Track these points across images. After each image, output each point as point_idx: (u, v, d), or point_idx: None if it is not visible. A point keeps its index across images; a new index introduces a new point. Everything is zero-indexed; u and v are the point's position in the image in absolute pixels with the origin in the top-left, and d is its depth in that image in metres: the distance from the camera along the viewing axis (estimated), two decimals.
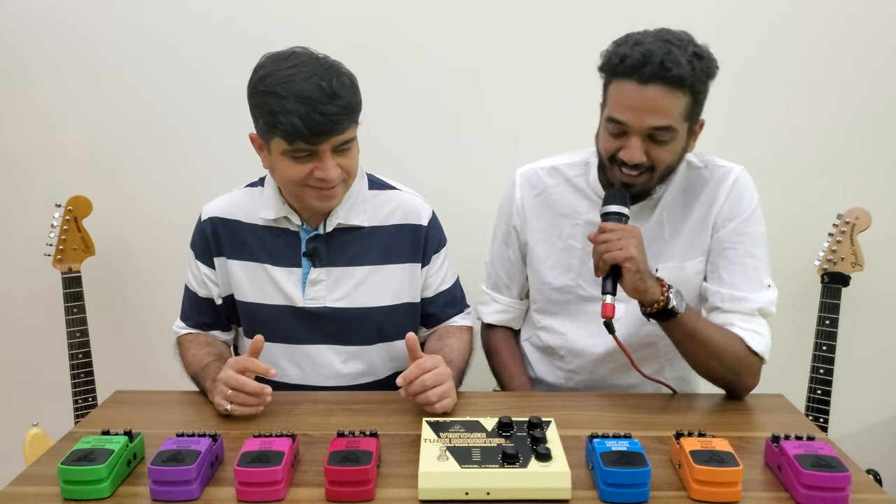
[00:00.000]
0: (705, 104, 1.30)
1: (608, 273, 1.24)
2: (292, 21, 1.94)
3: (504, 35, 1.96)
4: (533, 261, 1.50)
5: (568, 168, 1.46)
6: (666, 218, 1.39)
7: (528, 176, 1.50)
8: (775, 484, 1.01)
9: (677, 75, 1.19)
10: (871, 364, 2.07)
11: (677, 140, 1.26)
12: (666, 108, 1.22)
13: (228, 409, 1.20)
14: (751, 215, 1.35)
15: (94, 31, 1.97)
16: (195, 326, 1.48)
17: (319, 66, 1.24)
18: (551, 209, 1.47)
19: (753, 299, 1.32)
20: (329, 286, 1.41)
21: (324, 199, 1.32)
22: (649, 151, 1.26)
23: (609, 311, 1.22)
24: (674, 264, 1.38)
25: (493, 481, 0.95)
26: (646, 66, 1.20)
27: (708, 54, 1.25)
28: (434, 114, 2.00)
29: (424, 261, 1.46)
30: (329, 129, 1.22)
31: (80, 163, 2.04)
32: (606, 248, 1.22)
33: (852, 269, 1.87)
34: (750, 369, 1.30)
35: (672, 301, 1.22)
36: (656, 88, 1.21)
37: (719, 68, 1.27)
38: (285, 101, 1.20)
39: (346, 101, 1.23)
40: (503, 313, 1.58)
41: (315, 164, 1.26)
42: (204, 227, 1.44)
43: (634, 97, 1.22)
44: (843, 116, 1.96)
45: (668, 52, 1.20)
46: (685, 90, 1.22)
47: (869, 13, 1.90)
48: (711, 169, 1.38)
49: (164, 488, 0.96)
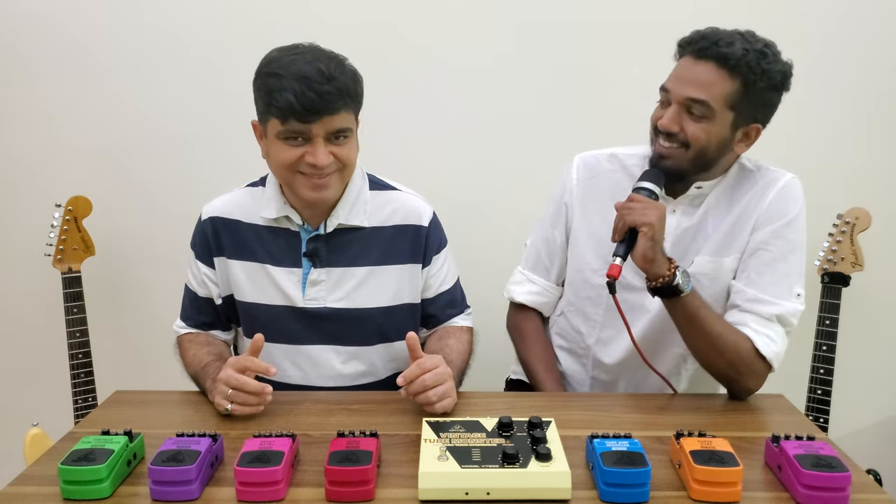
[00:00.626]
0: (770, 115, 1.33)
1: (624, 238, 1.27)
2: (293, 21, 1.94)
3: (509, 35, 1.96)
4: (576, 244, 1.50)
5: (627, 157, 1.48)
6: (711, 214, 1.39)
7: (587, 159, 1.52)
8: (775, 484, 1.01)
9: (725, 54, 1.25)
10: (871, 364, 2.07)
11: (714, 121, 1.28)
12: (707, 84, 1.26)
13: (229, 408, 1.20)
14: (792, 221, 1.34)
15: (95, 32, 1.97)
16: (195, 326, 1.48)
17: (323, 54, 1.28)
18: (604, 193, 1.46)
19: (776, 304, 1.31)
20: (329, 286, 1.40)
21: (315, 189, 1.31)
22: (683, 124, 1.29)
23: (614, 270, 1.25)
24: (710, 258, 1.38)
25: (493, 481, 0.95)
26: (702, 40, 1.27)
27: (777, 58, 1.28)
28: (437, 114, 2.00)
29: (425, 262, 1.46)
30: (322, 107, 1.23)
31: (80, 163, 2.04)
32: (629, 212, 1.26)
33: (852, 269, 1.87)
34: (752, 370, 1.30)
35: (678, 278, 1.24)
36: (707, 65, 1.27)
37: (787, 80, 1.30)
38: (283, 80, 1.23)
39: (343, 85, 1.25)
40: (537, 295, 1.57)
41: (307, 149, 1.27)
42: (204, 226, 1.43)
43: (685, 68, 1.30)
44: (843, 116, 1.96)
45: (728, 36, 1.27)
46: (734, 75, 1.26)
47: (869, 14, 1.90)
48: (763, 172, 1.39)
49: (164, 488, 0.96)
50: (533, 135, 2.00)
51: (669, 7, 1.87)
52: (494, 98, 1.99)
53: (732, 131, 1.31)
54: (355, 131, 1.34)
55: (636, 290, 1.41)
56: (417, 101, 2.00)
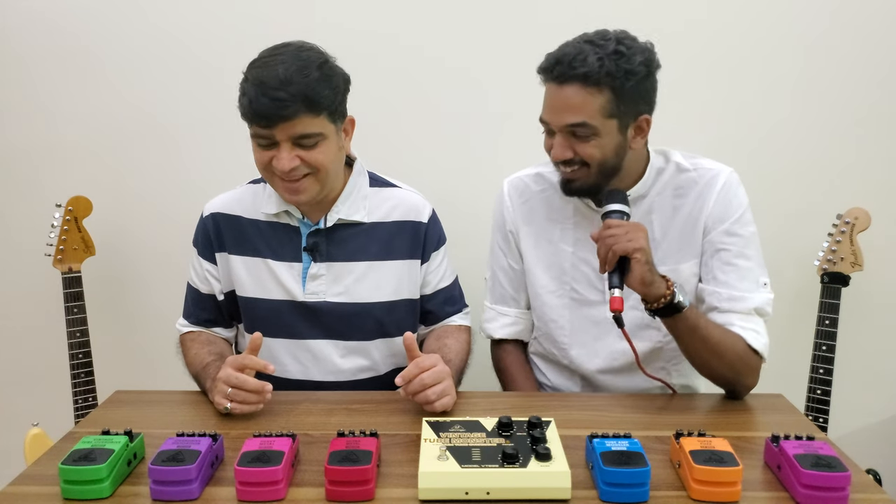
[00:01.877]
0: (652, 101, 1.31)
1: (615, 268, 1.24)
2: (294, 23, 1.94)
3: (510, 34, 1.95)
4: (528, 268, 1.50)
5: (552, 175, 1.45)
6: (655, 219, 1.39)
7: (515, 184, 1.52)
8: (775, 484, 1.01)
9: (584, 73, 1.23)
10: (871, 364, 2.07)
11: (602, 136, 1.27)
12: (579, 106, 1.25)
13: (228, 407, 1.20)
14: (741, 217, 1.35)
15: (95, 31, 1.97)
16: (197, 323, 1.49)
17: (298, 57, 1.26)
18: (539, 215, 1.47)
19: (750, 299, 1.32)
20: (329, 281, 1.41)
21: (289, 192, 1.32)
22: (574, 147, 1.29)
23: (617, 304, 1.22)
24: (668, 267, 1.37)
25: (493, 481, 0.95)
26: (557, 66, 1.26)
27: (636, 51, 1.25)
28: (437, 114, 2.00)
29: (424, 258, 1.47)
30: (274, 113, 1.23)
31: (81, 163, 2.04)
32: (615, 241, 1.21)
33: (852, 269, 1.87)
34: (750, 368, 1.30)
35: (678, 296, 1.23)
36: (571, 87, 1.25)
37: (655, 65, 1.28)
38: (246, 84, 1.25)
39: (300, 90, 1.22)
40: (512, 325, 1.55)
41: (273, 153, 1.28)
42: (206, 222, 1.45)
43: (552, 97, 1.29)
44: (842, 116, 1.96)
45: (579, 52, 1.24)
46: (601, 87, 1.24)
47: (868, 13, 1.90)
48: (700, 171, 1.39)
49: (165, 488, 0.96)
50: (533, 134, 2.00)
51: (670, 7, 1.88)
52: (494, 97, 1.99)
53: (623, 134, 1.30)
54: (332, 135, 1.31)
55: (594, 304, 1.42)
56: (417, 101, 1.99)
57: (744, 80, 1.94)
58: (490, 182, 2.02)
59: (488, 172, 2.01)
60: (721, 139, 1.94)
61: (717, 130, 1.96)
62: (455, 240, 1.58)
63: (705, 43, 1.90)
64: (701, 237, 1.37)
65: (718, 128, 1.96)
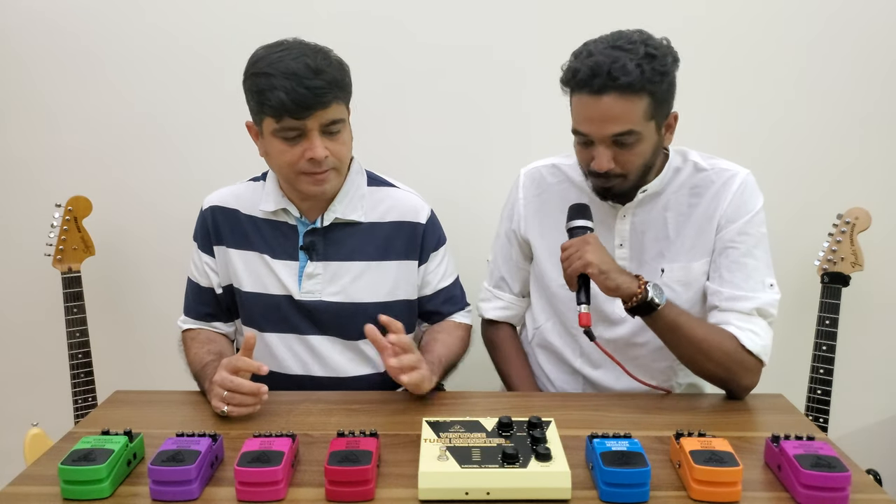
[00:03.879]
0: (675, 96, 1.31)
1: (580, 285, 1.27)
2: (292, 20, 1.94)
3: (511, 32, 1.96)
4: (537, 261, 1.51)
5: (569, 168, 1.48)
6: (670, 216, 1.40)
7: (532, 174, 1.53)
8: (775, 484, 1.01)
9: (626, 83, 1.21)
10: (871, 364, 2.07)
11: (644, 141, 1.28)
12: (623, 115, 1.24)
13: (225, 410, 1.20)
14: (754, 217, 1.36)
15: (94, 31, 1.97)
16: (197, 318, 1.49)
17: (308, 48, 1.30)
18: (553, 206, 1.48)
19: (752, 298, 1.32)
20: (325, 280, 1.41)
21: (316, 184, 1.34)
22: (618, 157, 1.28)
23: (585, 319, 1.26)
24: (680, 265, 1.39)
25: (493, 481, 0.95)
26: (595, 78, 1.22)
27: (663, 51, 1.26)
28: (439, 112, 2.00)
29: (422, 259, 1.47)
30: (314, 102, 1.25)
31: (80, 163, 2.04)
32: (569, 263, 1.27)
33: (852, 269, 1.87)
34: (744, 368, 1.30)
35: (650, 293, 1.24)
36: (610, 97, 1.23)
37: (678, 60, 1.28)
38: (273, 79, 1.25)
39: (331, 77, 1.27)
40: (505, 310, 1.60)
41: (305, 146, 1.29)
42: (205, 215, 1.46)
43: (591, 109, 1.25)
44: (843, 116, 1.96)
45: (615, 61, 1.21)
46: (641, 93, 1.24)
47: (869, 13, 1.90)
48: (718, 171, 1.39)
49: (164, 488, 0.96)
50: (532, 133, 2.00)
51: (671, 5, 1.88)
52: (493, 97, 1.99)
53: (659, 133, 1.32)
54: (348, 121, 1.36)
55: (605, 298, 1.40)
56: (416, 101, 1.99)
57: (744, 81, 1.94)
58: (491, 181, 2.02)
59: (488, 172, 2.02)
60: (721, 139, 1.94)
61: (718, 131, 1.96)
62: (461, 238, 1.58)
63: (704, 43, 1.90)
64: (714, 236, 1.38)
65: (718, 128, 1.96)
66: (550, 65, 1.96)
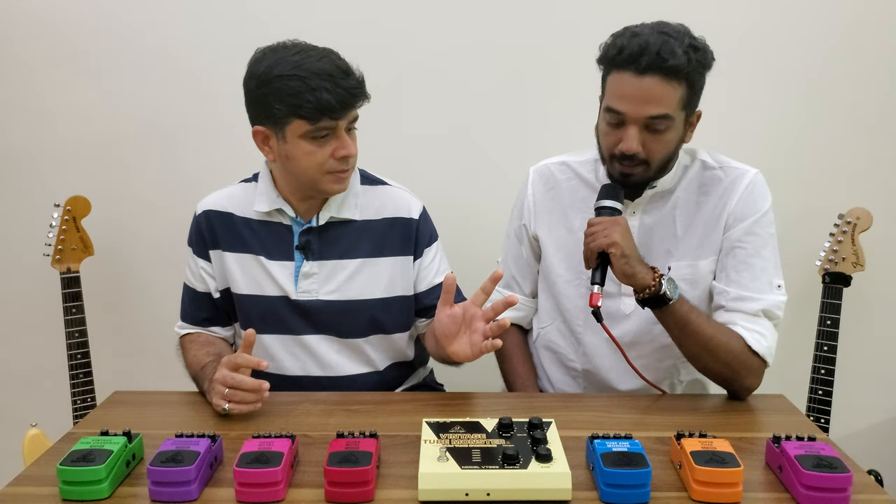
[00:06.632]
0: (702, 96, 1.32)
1: (597, 265, 1.27)
2: (290, 21, 1.94)
3: (510, 32, 1.95)
4: (546, 257, 1.51)
5: (578, 165, 1.48)
6: (679, 215, 1.40)
7: (541, 172, 1.53)
8: (776, 485, 1.01)
9: (673, 66, 1.22)
10: (873, 364, 2.07)
11: (674, 129, 1.28)
12: (663, 98, 1.24)
13: (226, 408, 1.20)
14: (762, 217, 1.36)
15: (94, 31, 1.97)
16: (195, 323, 1.49)
17: (322, 50, 1.31)
18: (562, 203, 1.48)
19: (759, 299, 1.32)
20: (321, 279, 1.41)
21: (340, 182, 1.36)
22: (646, 142, 1.28)
23: (595, 299, 1.26)
24: (687, 262, 1.39)
25: (494, 482, 0.95)
26: (643, 57, 1.23)
27: (704, 46, 1.28)
28: (438, 112, 2.00)
29: (416, 254, 1.47)
30: (351, 102, 1.29)
31: (80, 163, 2.04)
32: (593, 238, 1.26)
33: (853, 269, 1.86)
34: (748, 368, 1.30)
35: (664, 287, 1.24)
36: (653, 79, 1.23)
37: (715, 59, 1.29)
38: (308, 81, 1.25)
39: (360, 76, 1.31)
40: (515, 311, 1.58)
41: (334, 145, 1.30)
42: (199, 220, 1.45)
43: (632, 87, 1.25)
44: (844, 116, 1.96)
45: (664, 43, 1.22)
46: (681, 80, 1.25)
47: (871, 13, 1.90)
48: (727, 170, 1.39)
49: (164, 489, 0.96)
50: (528, 132, 2.00)
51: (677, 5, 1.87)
52: (489, 96, 1.99)
53: (685, 128, 1.32)
54: None
55: (610, 295, 1.42)
56: (416, 101, 1.99)
57: (745, 80, 1.94)
58: (489, 182, 2.03)
59: (487, 172, 2.02)
60: (722, 139, 1.93)
61: (719, 130, 1.95)
62: (457, 239, 1.57)
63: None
64: (721, 234, 1.38)
65: (719, 128, 1.95)
66: (550, 65, 1.98)
